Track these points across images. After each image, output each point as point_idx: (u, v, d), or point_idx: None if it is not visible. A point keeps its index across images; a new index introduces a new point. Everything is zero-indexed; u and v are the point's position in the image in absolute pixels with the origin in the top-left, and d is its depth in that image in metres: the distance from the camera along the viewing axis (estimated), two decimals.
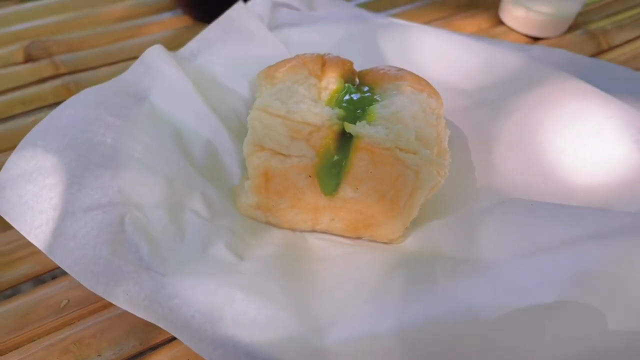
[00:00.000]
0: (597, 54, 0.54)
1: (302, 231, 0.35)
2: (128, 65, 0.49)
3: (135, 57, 0.50)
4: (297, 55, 0.37)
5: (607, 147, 0.35)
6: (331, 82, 0.35)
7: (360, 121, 0.32)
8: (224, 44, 0.41)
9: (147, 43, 0.52)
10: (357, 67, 0.40)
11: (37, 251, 0.34)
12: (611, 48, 0.55)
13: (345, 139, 0.32)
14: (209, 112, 0.37)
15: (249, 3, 0.44)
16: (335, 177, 0.32)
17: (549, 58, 0.47)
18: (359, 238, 0.35)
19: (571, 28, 0.56)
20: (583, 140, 0.36)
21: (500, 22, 0.57)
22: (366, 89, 0.36)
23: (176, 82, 0.37)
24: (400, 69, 0.37)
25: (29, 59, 0.49)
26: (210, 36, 0.41)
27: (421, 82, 0.35)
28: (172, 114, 0.37)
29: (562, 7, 0.53)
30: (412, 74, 0.36)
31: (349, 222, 0.33)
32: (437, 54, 0.43)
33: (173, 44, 0.52)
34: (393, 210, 0.32)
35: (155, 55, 0.38)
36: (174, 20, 0.55)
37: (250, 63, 0.41)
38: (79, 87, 0.46)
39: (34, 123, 0.43)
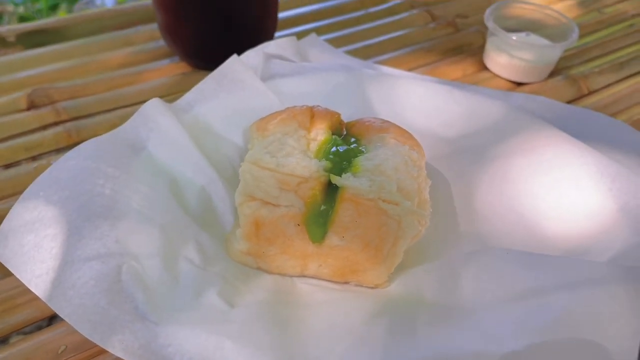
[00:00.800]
0: (578, 98, 0.57)
1: (291, 276, 0.36)
2: (127, 112, 0.51)
3: (134, 104, 0.53)
4: (288, 108, 0.39)
5: (582, 194, 0.37)
6: (319, 133, 0.37)
7: (345, 173, 0.34)
8: (218, 95, 0.43)
9: (146, 90, 0.54)
10: (345, 116, 0.42)
11: (36, 297, 0.35)
12: (591, 92, 0.57)
13: (331, 190, 0.34)
14: (204, 161, 0.39)
15: (242, 55, 0.47)
16: (322, 225, 0.34)
17: (529, 105, 0.49)
18: (345, 283, 0.36)
19: (553, 73, 0.59)
20: (559, 188, 0.38)
21: (485, 68, 0.60)
22: (353, 139, 0.38)
23: (172, 133, 0.39)
24: (384, 121, 0.39)
25: (31, 106, 0.51)
26: (205, 88, 0.43)
27: (404, 135, 0.37)
28: (168, 163, 0.38)
29: (543, 54, 0.55)
30: (396, 126, 0.38)
31: (336, 268, 0.35)
32: (421, 102, 0.45)
33: (171, 91, 0.55)
34: (377, 257, 0.34)
35: (153, 107, 0.40)
36: (171, 67, 0.57)
37: (244, 113, 0.43)
38: (79, 134, 0.48)
39: (37, 169, 0.45)
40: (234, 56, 0.45)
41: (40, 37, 0.61)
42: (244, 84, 0.44)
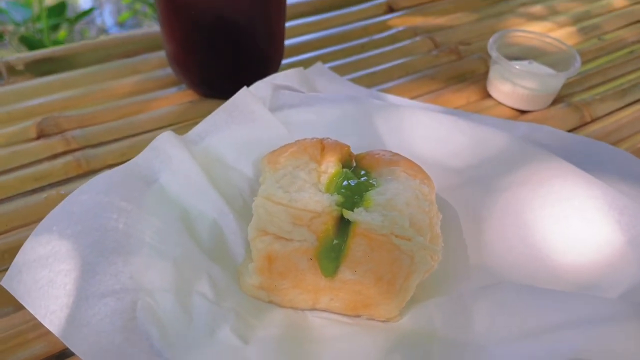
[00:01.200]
0: (581, 126, 0.57)
1: (303, 310, 0.36)
2: (136, 141, 0.52)
3: (143, 133, 0.53)
4: (298, 141, 0.40)
5: (591, 227, 0.38)
6: (330, 166, 0.38)
7: (357, 207, 0.34)
8: (228, 126, 0.44)
9: (154, 118, 0.54)
10: (353, 145, 0.42)
11: (47, 332, 0.35)
12: (594, 120, 0.58)
13: (343, 224, 0.35)
14: (215, 193, 0.39)
15: (252, 87, 0.47)
16: (334, 260, 0.34)
17: (534, 135, 0.50)
18: (357, 316, 0.36)
19: (555, 101, 0.60)
20: (567, 220, 0.38)
21: (489, 95, 0.60)
22: (363, 172, 0.39)
23: (184, 165, 0.40)
24: (394, 154, 0.39)
25: (41, 134, 0.51)
26: (216, 119, 0.44)
27: (414, 168, 0.38)
28: (180, 195, 0.39)
29: (546, 83, 0.56)
30: (405, 159, 0.38)
31: (347, 302, 0.35)
32: (428, 133, 0.46)
33: (179, 119, 0.55)
34: (389, 292, 0.34)
35: (165, 140, 0.40)
36: (179, 95, 0.58)
37: (254, 144, 0.43)
38: (89, 163, 0.49)
39: (47, 199, 0.45)
40: (244, 88, 0.46)
41: (48, 65, 0.61)
42: (253, 115, 0.45)
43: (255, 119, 0.44)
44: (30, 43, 3.64)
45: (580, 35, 0.73)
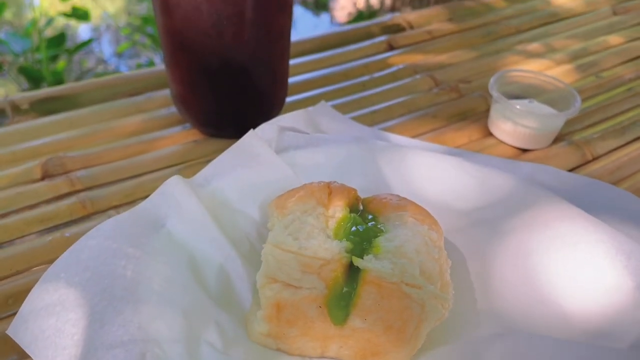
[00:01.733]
0: (583, 164, 0.58)
1: (311, 358, 0.36)
2: (141, 181, 0.52)
3: (148, 172, 0.53)
4: (305, 185, 0.40)
5: (598, 272, 0.38)
6: (337, 210, 0.38)
7: (367, 254, 0.34)
8: (235, 169, 0.44)
9: (159, 158, 0.55)
10: (359, 187, 0.42)
11: None
12: (595, 158, 0.59)
13: (353, 271, 0.34)
14: (222, 238, 0.39)
15: (257, 129, 0.48)
16: (344, 308, 0.34)
17: (538, 176, 0.50)
18: None
19: (557, 139, 0.60)
20: (574, 265, 0.38)
21: (490, 134, 0.61)
22: (370, 217, 0.39)
23: (191, 209, 0.40)
24: (401, 198, 0.39)
25: (46, 175, 0.51)
26: (222, 162, 0.44)
27: (422, 213, 0.38)
28: (187, 240, 0.39)
29: (547, 122, 0.57)
30: (412, 204, 0.39)
31: (357, 350, 0.35)
32: (433, 174, 0.46)
33: (183, 159, 0.55)
34: (400, 340, 0.33)
35: (173, 184, 0.40)
36: (183, 135, 0.58)
37: (260, 187, 0.43)
38: (94, 204, 0.49)
39: (52, 242, 0.45)
40: (251, 131, 0.46)
41: (54, 104, 0.62)
42: (260, 158, 0.45)
43: (262, 162, 0.45)
44: (29, 73, 3.68)
45: (578, 73, 0.74)
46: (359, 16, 3.69)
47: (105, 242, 0.36)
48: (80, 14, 3.91)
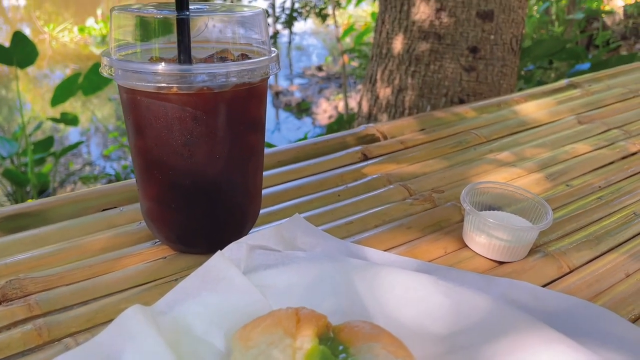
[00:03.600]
0: (561, 277, 0.57)
1: None
2: (104, 304, 0.49)
3: (112, 294, 0.51)
4: (272, 312, 0.38)
5: None
6: (306, 341, 0.36)
7: None
8: (200, 293, 0.42)
9: (126, 277, 0.53)
10: (331, 309, 0.41)
11: None
12: (572, 270, 0.58)
13: None
14: None
15: (226, 249, 0.47)
16: None
17: (514, 293, 0.49)
18: None
19: (532, 251, 0.60)
20: None
21: (465, 245, 0.61)
22: (341, 347, 0.37)
23: (148, 342, 0.37)
24: (374, 327, 0.38)
25: (3, 299, 0.49)
26: (186, 287, 0.43)
27: (394, 344, 0.36)
28: None
29: (520, 235, 0.57)
30: (385, 333, 0.37)
31: None
32: (408, 295, 0.45)
33: (151, 277, 0.53)
34: None
35: (131, 315, 0.38)
36: (152, 251, 0.57)
37: (226, 313, 0.41)
38: (50, 332, 0.46)
39: None
40: (218, 252, 0.45)
41: (21, 221, 0.60)
42: (226, 281, 0.43)
43: (229, 285, 0.43)
44: (13, 177, 3.65)
45: (549, 182, 0.75)
46: (339, 119, 3.83)
47: None
48: (69, 120, 3.98)
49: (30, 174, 3.51)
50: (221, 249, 0.47)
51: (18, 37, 3.57)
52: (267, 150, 0.77)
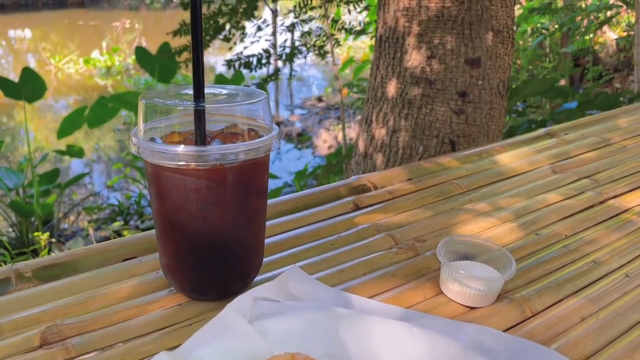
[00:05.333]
0: (524, 321, 0.65)
1: None
2: (130, 346, 0.58)
3: (137, 337, 0.59)
4: (273, 357, 0.47)
5: None
6: None
7: None
8: (214, 340, 0.51)
9: (147, 322, 0.61)
10: (321, 352, 0.49)
11: None
12: (534, 315, 0.66)
13: None
14: None
15: (233, 302, 0.56)
16: None
17: (480, 338, 0.57)
18: None
19: (500, 297, 0.68)
20: None
21: (442, 292, 0.69)
22: None
23: None
24: None
25: (44, 343, 0.57)
26: (203, 334, 0.51)
27: None
28: None
29: (489, 284, 0.66)
30: None
31: None
32: (387, 342, 0.53)
33: (169, 322, 0.62)
34: None
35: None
36: (169, 299, 0.65)
37: (234, 356, 0.50)
38: None
39: None
40: (228, 305, 0.54)
41: (55, 270, 0.69)
42: (235, 329, 0.52)
43: (236, 333, 0.52)
44: (19, 208, 3.74)
45: (520, 231, 0.84)
46: (338, 152, 3.94)
47: None
48: (74, 152, 4.08)
49: (35, 205, 3.61)
50: (229, 297, 0.56)
51: (27, 73, 3.70)
52: (269, 201, 0.86)
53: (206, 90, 0.60)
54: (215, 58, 8.74)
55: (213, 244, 0.61)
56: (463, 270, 0.66)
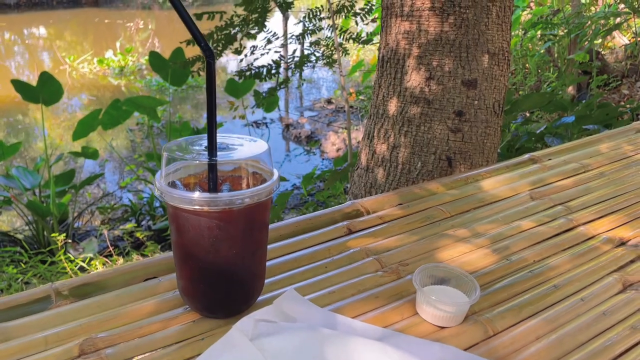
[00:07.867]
0: (486, 339, 0.76)
1: None
2: (154, 356, 0.70)
3: (159, 348, 0.71)
4: None
5: None
6: None
7: None
8: (222, 355, 0.63)
9: (167, 336, 0.73)
10: None
11: None
12: (495, 334, 0.78)
13: None
14: None
15: (238, 323, 0.67)
16: None
17: (444, 354, 0.69)
18: None
19: (467, 318, 0.80)
20: None
21: (417, 313, 0.80)
22: None
23: None
24: None
25: (82, 353, 0.70)
26: (213, 351, 0.63)
27: None
28: None
29: (456, 307, 0.77)
30: None
31: None
32: (362, 357, 0.65)
33: (184, 336, 0.74)
34: None
35: None
36: (184, 316, 0.77)
37: None
38: None
39: None
40: (234, 326, 0.66)
41: (87, 288, 0.81)
42: (239, 347, 0.64)
43: (240, 350, 0.64)
44: (36, 208, 3.89)
45: (493, 256, 0.95)
46: (345, 156, 4.04)
47: None
48: (89, 154, 4.23)
49: (52, 205, 3.76)
50: (236, 316, 0.67)
51: (44, 77, 3.85)
52: (271, 226, 0.98)
53: (219, 138, 0.72)
54: (227, 58, 8.88)
55: (222, 272, 0.73)
56: (434, 295, 0.77)
